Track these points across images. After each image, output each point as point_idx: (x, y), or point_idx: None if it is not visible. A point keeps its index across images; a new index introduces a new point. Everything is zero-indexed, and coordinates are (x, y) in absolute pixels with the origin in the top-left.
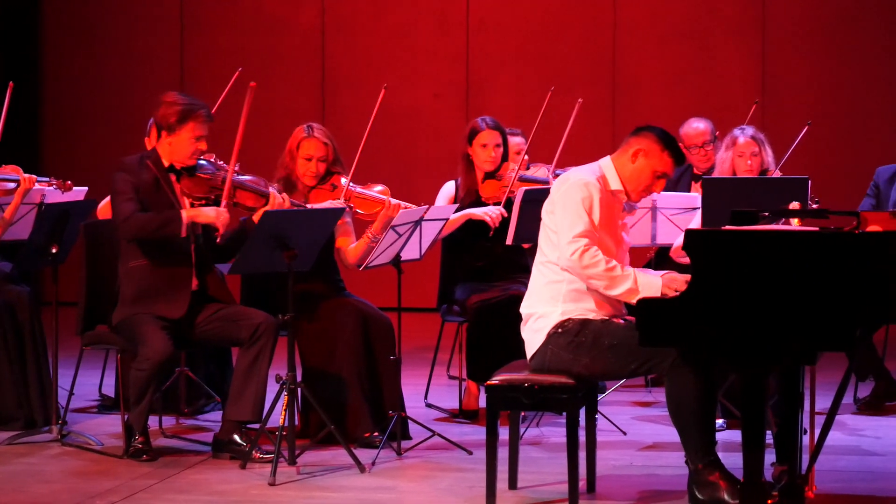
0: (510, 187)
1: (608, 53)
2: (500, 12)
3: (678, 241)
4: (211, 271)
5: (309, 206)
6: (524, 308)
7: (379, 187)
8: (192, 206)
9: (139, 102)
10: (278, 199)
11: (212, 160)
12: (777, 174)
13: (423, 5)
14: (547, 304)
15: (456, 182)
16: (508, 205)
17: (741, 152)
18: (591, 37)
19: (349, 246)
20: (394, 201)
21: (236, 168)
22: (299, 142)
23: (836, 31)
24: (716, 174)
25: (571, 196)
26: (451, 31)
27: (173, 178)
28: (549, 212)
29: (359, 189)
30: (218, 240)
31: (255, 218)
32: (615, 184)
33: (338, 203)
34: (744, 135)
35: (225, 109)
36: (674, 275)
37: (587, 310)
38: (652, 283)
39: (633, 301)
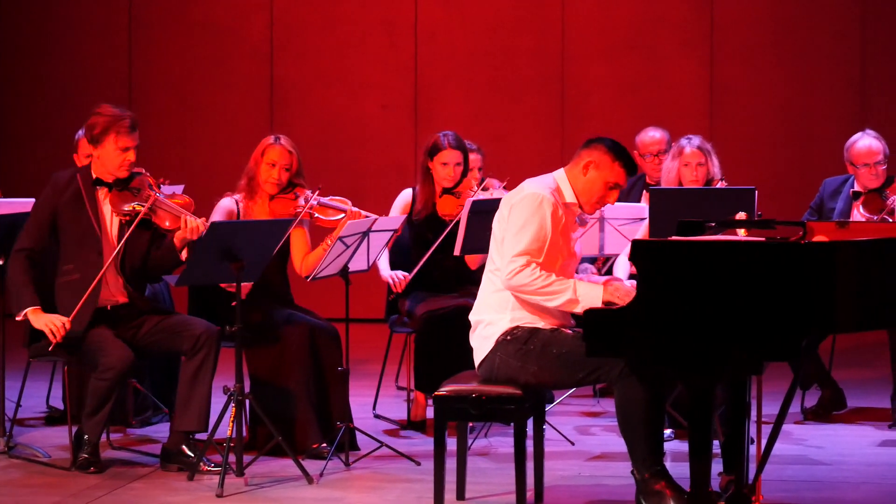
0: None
1: (556, 63)
2: (448, 23)
3: (620, 265)
4: (135, 292)
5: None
6: (473, 315)
7: (344, 202)
8: (121, 222)
9: (86, 112)
10: (191, 225)
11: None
12: (723, 184)
13: (372, 16)
14: (496, 312)
15: (413, 190)
16: None
17: (687, 162)
18: (539, 46)
19: (304, 255)
20: (356, 209)
21: (161, 190)
22: (265, 148)
23: (784, 40)
24: (662, 184)
25: (522, 211)
26: (400, 42)
27: (104, 191)
28: (502, 221)
29: (321, 199)
30: (50, 349)
31: (176, 241)
32: (569, 196)
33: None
34: (690, 145)
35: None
36: (618, 283)
37: (536, 318)
38: (592, 292)
39: (576, 311)
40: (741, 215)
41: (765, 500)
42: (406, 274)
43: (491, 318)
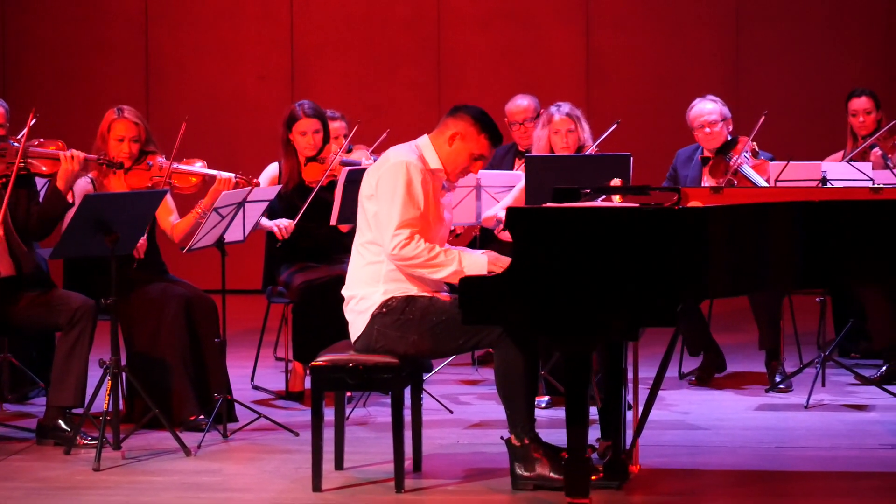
0: (331, 170)
1: (433, 33)
2: None
3: (492, 211)
4: (27, 256)
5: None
6: (346, 290)
7: (198, 163)
8: None
9: None
10: (68, 155)
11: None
12: (594, 151)
13: None
14: (368, 286)
15: (279, 164)
16: (331, 187)
17: (557, 129)
18: (415, 15)
19: (173, 223)
20: (225, 175)
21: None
22: (110, 123)
23: (658, 9)
24: (533, 152)
25: (393, 180)
26: (276, 12)
27: None
28: (369, 195)
29: (177, 165)
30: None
31: (60, 182)
32: (434, 163)
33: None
34: (559, 112)
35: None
36: (496, 254)
37: (409, 286)
38: (477, 262)
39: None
40: (616, 182)
41: (642, 465)
42: (290, 221)
43: (364, 292)
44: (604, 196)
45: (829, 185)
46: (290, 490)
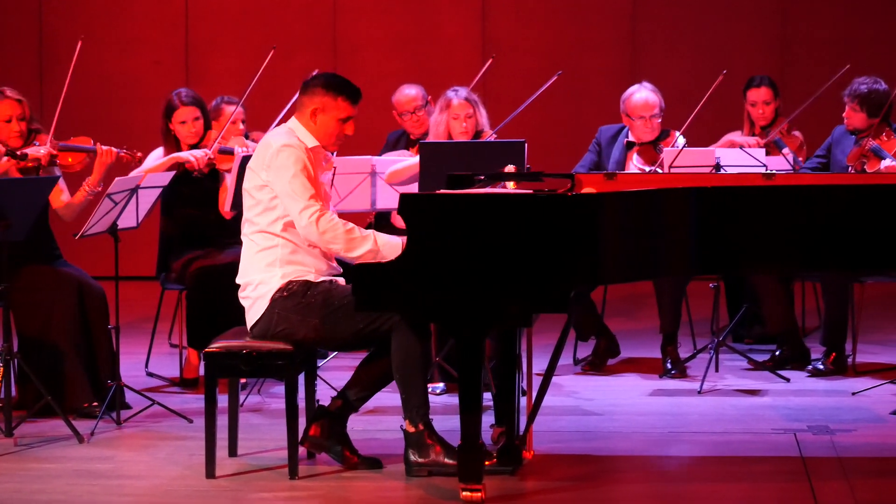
0: (212, 156)
1: (328, 16)
2: None
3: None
4: None
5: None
6: (240, 278)
7: (84, 139)
8: None
9: None
10: None
11: None
12: (492, 136)
13: None
14: (264, 271)
15: (163, 151)
16: (213, 174)
17: (455, 115)
18: (311, 2)
19: (65, 202)
20: (106, 147)
21: None
22: None
23: None
24: (431, 137)
25: (284, 164)
26: None
27: None
28: (259, 185)
29: (63, 143)
30: None
31: None
32: (311, 141)
33: (41, 150)
34: (457, 97)
35: None
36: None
37: (305, 271)
38: (392, 244)
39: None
40: (510, 168)
41: (536, 451)
42: (206, 151)
43: (261, 277)
44: (497, 182)
45: (722, 172)
46: (183, 476)
